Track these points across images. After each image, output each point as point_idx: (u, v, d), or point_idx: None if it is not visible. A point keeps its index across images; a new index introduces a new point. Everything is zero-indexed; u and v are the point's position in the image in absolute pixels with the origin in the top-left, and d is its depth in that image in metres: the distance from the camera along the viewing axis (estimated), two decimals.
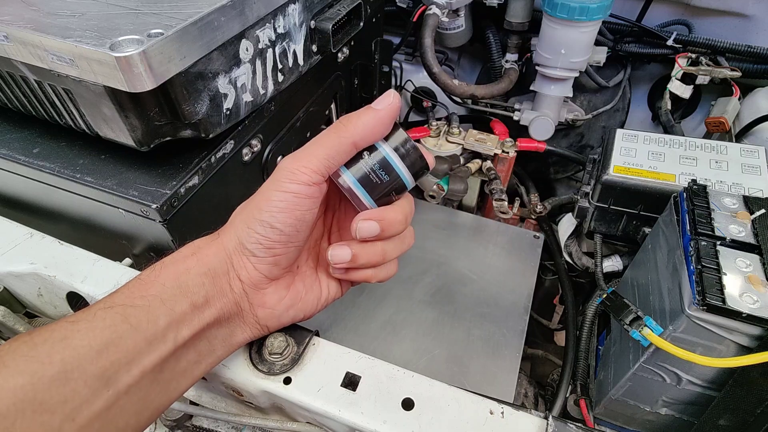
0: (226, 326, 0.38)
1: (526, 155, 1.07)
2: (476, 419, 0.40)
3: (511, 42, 1.08)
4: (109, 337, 0.30)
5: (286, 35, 0.62)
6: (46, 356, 0.29)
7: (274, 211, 0.36)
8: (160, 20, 0.46)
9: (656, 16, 1.03)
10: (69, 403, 0.28)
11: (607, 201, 0.74)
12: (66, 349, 0.29)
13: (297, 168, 0.36)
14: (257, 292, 0.38)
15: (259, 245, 0.36)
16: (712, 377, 0.52)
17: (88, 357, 0.29)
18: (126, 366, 0.31)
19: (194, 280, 0.35)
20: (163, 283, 0.34)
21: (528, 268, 0.91)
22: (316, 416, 0.43)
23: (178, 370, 0.35)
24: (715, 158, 0.72)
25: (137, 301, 0.33)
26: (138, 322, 0.32)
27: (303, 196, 0.36)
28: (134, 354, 0.31)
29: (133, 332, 0.31)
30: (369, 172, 0.37)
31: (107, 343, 0.30)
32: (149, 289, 0.34)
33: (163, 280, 0.35)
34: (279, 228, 0.36)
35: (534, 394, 0.81)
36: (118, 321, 0.31)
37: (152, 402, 0.33)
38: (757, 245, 0.51)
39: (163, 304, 0.33)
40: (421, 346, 0.78)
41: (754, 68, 0.94)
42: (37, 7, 0.49)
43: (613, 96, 1.09)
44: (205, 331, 0.36)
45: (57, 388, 0.28)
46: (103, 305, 0.32)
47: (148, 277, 0.35)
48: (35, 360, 0.28)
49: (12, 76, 0.54)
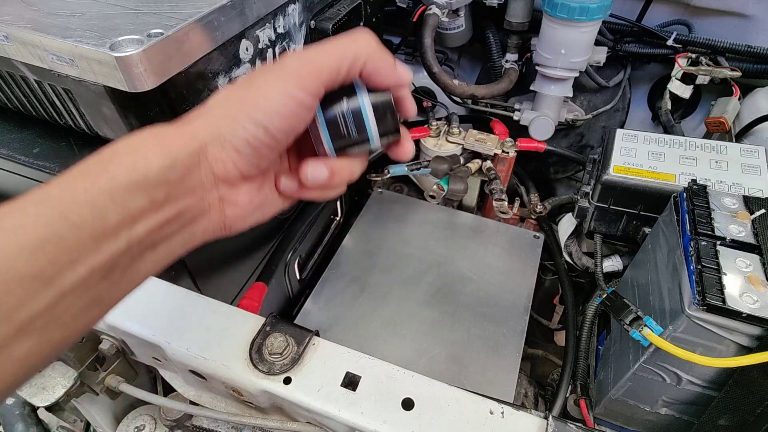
0: (189, 224, 0.33)
1: (526, 155, 1.07)
2: (476, 419, 0.40)
3: (511, 42, 1.08)
4: (45, 235, 0.26)
5: (286, 35, 0.62)
6: None
7: (272, 114, 0.32)
8: (160, 20, 0.46)
9: (656, 16, 1.03)
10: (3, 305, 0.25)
11: (607, 201, 0.74)
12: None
13: (308, 74, 0.33)
14: (230, 188, 0.35)
15: (246, 143, 0.33)
16: (712, 377, 0.52)
17: (20, 257, 0.26)
18: (69, 265, 0.27)
19: (156, 175, 0.30)
20: (113, 176, 0.29)
21: (528, 268, 0.91)
22: (316, 416, 0.43)
23: (131, 268, 0.31)
24: (715, 158, 0.72)
25: (79, 195, 0.28)
26: (81, 220, 0.27)
27: (305, 107, 0.33)
28: (78, 253, 0.27)
29: (75, 229, 0.27)
30: (340, 121, 0.35)
31: (43, 241, 0.26)
32: (95, 181, 0.29)
33: (113, 173, 0.29)
34: (273, 133, 0.33)
35: (534, 394, 0.81)
36: (54, 218, 0.27)
37: (102, 299, 0.30)
38: (757, 245, 0.51)
39: (113, 200, 0.28)
40: (421, 346, 0.78)
41: (754, 68, 0.94)
42: (37, 7, 0.49)
43: (613, 96, 1.09)
44: (165, 226, 0.31)
45: None
46: (34, 200, 0.28)
47: (94, 168, 0.30)
48: None
49: (12, 76, 0.54)
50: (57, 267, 0.27)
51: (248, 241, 0.76)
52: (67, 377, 0.54)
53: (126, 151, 0.30)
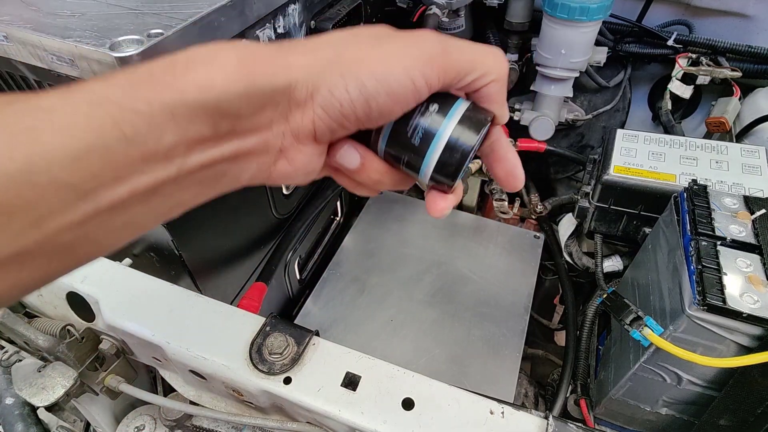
0: (242, 164, 0.30)
1: (526, 155, 1.07)
2: (476, 419, 0.40)
3: (511, 42, 1.08)
4: (92, 143, 0.24)
5: (286, 35, 0.62)
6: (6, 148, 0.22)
7: (385, 88, 0.28)
8: (160, 20, 0.46)
9: (656, 16, 1.03)
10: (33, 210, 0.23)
11: (607, 201, 0.74)
12: (33, 144, 0.23)
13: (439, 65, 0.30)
14: (295, 144, 0.31)
15: (339, 108, 0.29)
16: (712, 377, 0.52)
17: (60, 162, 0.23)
18: (111, 182, 0.24)
19: (229, 101, 0.27)
20: (181, 91, 0.26)
21: (528, 268, 0.91)
22: (316, 416, 0.43)
23: (175, 196, 0.28)
24: (716, 158, 0.72)
25: (139, 105, 0.25)
26: (135, 132, 0.24)
27: (416, 96, 0.30)
28: (124, 170, 0.25)
29: (126, 143, 0.24)
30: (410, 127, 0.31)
31: (88, 149, 0.23)
32: (160, 93, 0.25)
33: (182, 86, 0.26)
34: (373, 107, 0.29)
35: (534, 393, 0.81)
36: (107, 125, 0.24)
37: (137, 222, 0.27)
38: (757, 245, 0.51)
39: (173, 119, 0.25)
40: (421, 346, 0.78)
41: (755, 68, 0.94)
42: (37, 7, 0.49)
43: (613, 96, 1.09)
44: (217, 164, 0.28)
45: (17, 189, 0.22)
46: (89, 98, 0.24)
47: (163, 75, 0.26)
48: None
49: (12, 76, 0.54)
50: (98, 181, 0.24)
51: (248, 241, 0.76)
52: (67, 377, 0.54)
53: (203, 63, 0.27)
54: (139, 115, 0.24)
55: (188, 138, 0.26)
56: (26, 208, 0.23)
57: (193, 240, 0.57)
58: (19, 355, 0.56)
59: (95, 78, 0.26)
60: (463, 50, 0.31)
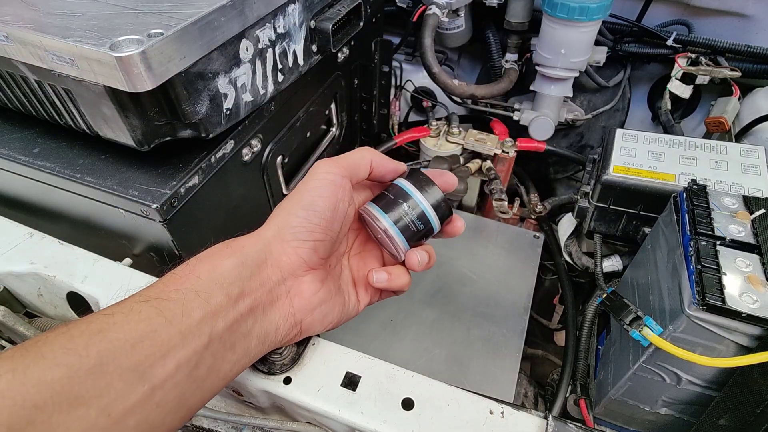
0: (261, 320, 0.38)
1: (526, 155, 1.07)
2: (476, 419, 0.40)
3: (511, 42, 1.08)
4: (144, 330, 0.31)
5: (286, 35, 0.62)
6: (83, 348, 0.29)
7: (314, 195, 0.39)
8: (160, 20, 0.46)
9: (656, 16, 1.03)
10: (104, 397, 0.28)
11: (607, 201, 0.74)
12: (102, 341, 0.29)
13: (330, 163, 0.41)
14: (295, 280, 0.40)
15: (302, 228, 0.39)
16: (711, 377, 0.52)
17: (123, 350, 0.29)
18: (161, 359, 0.31)
19: (230, 272, 0.36)
20: (198, 276, 0.35)
21: (528, 268, 0.91)
22: (316, 416, 0.43)
23: (213, 367, 0.34)
24: (715, 158, 0.72)
25: (172, 294, 0.33)
26: (172, 315, 0.32)
27: (338, 184, 0.40)
28: (169, 347, 0.31)
29: (168, 325, 0.32)
30: (409, 223, 0.42)
31: (142, 336, 0.30)
32: (184, 282, 0.34)
33: (198, 273, 0.35)
34: (319, 210, 0.39)
35: (534, 394, 0.81)
36: (153, 314, 0.32)
37: (187, 400, 0.33)
38: (756, 245, 0.51)
39: (198, 296, 0.34)
40: (421, 346, 0.78)
41: (754, 68, 0.94)
42: (37, 7, 0.49)
43: (613, 96, 1.09)
44: (240, 323, 0.36)
45: (93, 381, 0.28)
46: (139, 299, 0.33)
47: (183, 271, 0.35)
48: (73, 352, 0.28)
49: (12, 76, 0.54)
50: (151, 360, 0.30)
51: None
52: None
53: (207, 256, 0.37)
54: (174, 301, 0.33)
55: (211, 308, 0.34)
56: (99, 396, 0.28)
57: (193, 240, 0.57)
58: None
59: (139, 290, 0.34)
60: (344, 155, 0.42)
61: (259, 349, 0.38)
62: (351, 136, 0.98)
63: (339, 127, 0.90)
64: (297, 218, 0.39)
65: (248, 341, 0.37)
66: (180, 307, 0.33)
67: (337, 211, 0.40)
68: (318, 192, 0.40)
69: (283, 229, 0.39)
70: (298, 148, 0.78)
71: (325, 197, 0.39)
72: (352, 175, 0.42)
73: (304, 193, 0.40)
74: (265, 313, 0.38)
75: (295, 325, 0.40)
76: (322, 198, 0.39)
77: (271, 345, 0.40)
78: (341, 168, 0.41)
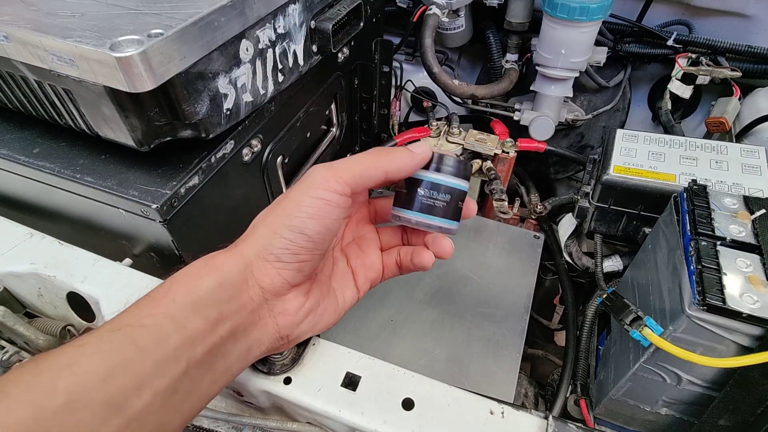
0: (243, 340, 0.36)
1: (526, 155, 1.07)
2: (476, 419, 0.40)
3: (511, 42, 1.08)
4: (116, 361, 0.29)
5: (286, 35, 0.62)
6: (49, 385, 0.27)
7: (304, 216, 0.35)
8: (160, 20, 0.46)
9: (656, 16, 1.03)
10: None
11: (607, 201, 0.74)
12: (71, 376, 0.28)
13: (330, 176, 0.36)
14: (278, 299, 0.37)
15: (287, 250, 0.35)
16: (712, 377, 0.52)
17: (93, 384, 0.28)
18: (135, 391, 0.29)
19: (207, 294, 0.33)
20: (173, 299, 0.33)
21: (528, 268, 0.91)
22: (316, 416, 0.43)
23: (193, 391, 0.33)
24: (716, 158, 0.72)
25: (145, 321, 0.31)
26: (146, 344, 0.30)
27: (334, 205, 0.36)
28: (143, 377, 0.29)
29: (141, 354, 0.30)
30: (425, 199, 0.40)
31: (113, 367, 0.29)
32: (158, 306, 0.32)
33: (173, 296, 0.33)
34: (308, 234, 0.35)
35: (534, 394, 0.81)
36: (125, 343, 0.30)
37: (166, 425, 0.32)
38: (757, 245, 0.51)
39: (173, 322, 0.31)
40: (421, 346, 0.78)
41: (755, 68, 0.94)
42: (37, 7, 0.49)
43: (613, 96, 1.09)
44: (220, 346, 0.34)
45: (61, 420, 0.26)
46: (110, 327, 0.31)
47: (158, 294, 0.33)
48: (38, 389, 0.27)
49: (12, 76, 0.54)
50: (124, 393, 0.29)
51: None
52: None
53: (183, 276, 0.34)
54: (147, 327, 0.31)
55: (188, 333, 0.32)
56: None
57: (193, 240, 0.57)
58: (19, 355, 0.56)
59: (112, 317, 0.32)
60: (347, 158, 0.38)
61: (241, 365, 0.37)
62: (351, 136, 0.98)
63: (339, 128, 0.90)
64: (281, 240, 0.35)
65: (229, 362, 0.35)
66: (154, 334, 0.31)
67: (330, 231, 0.36)
68: (308, 213, 0.35)
69: (266, 248, 0.36)
70: (299, 149, 0.78)
71: (315, 220, 0.35)
72: (356, 186, 0.37)
73: (293, 212, 0.35)
74: (247, 333, 0.36)
75: (280, 339, 0.39)
76: (313, 220, 0.35)
77: (254, 359, 0.38)
78: (342, 185, 0.36)
